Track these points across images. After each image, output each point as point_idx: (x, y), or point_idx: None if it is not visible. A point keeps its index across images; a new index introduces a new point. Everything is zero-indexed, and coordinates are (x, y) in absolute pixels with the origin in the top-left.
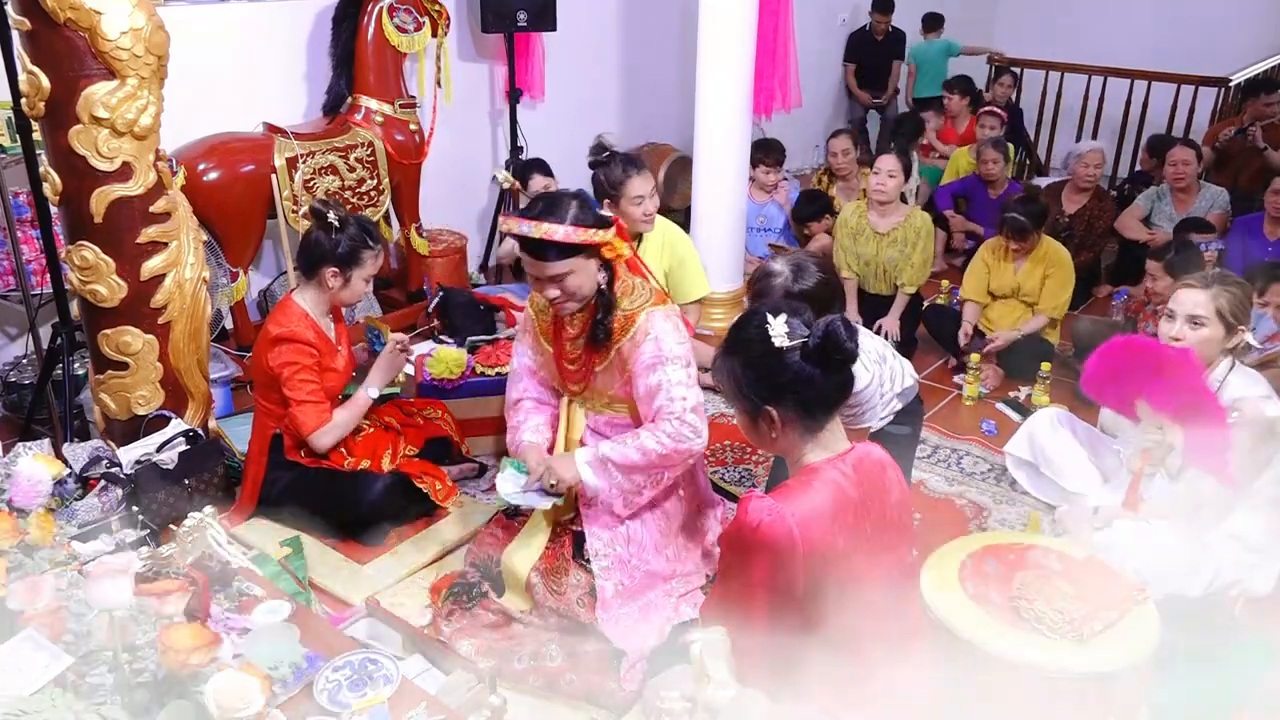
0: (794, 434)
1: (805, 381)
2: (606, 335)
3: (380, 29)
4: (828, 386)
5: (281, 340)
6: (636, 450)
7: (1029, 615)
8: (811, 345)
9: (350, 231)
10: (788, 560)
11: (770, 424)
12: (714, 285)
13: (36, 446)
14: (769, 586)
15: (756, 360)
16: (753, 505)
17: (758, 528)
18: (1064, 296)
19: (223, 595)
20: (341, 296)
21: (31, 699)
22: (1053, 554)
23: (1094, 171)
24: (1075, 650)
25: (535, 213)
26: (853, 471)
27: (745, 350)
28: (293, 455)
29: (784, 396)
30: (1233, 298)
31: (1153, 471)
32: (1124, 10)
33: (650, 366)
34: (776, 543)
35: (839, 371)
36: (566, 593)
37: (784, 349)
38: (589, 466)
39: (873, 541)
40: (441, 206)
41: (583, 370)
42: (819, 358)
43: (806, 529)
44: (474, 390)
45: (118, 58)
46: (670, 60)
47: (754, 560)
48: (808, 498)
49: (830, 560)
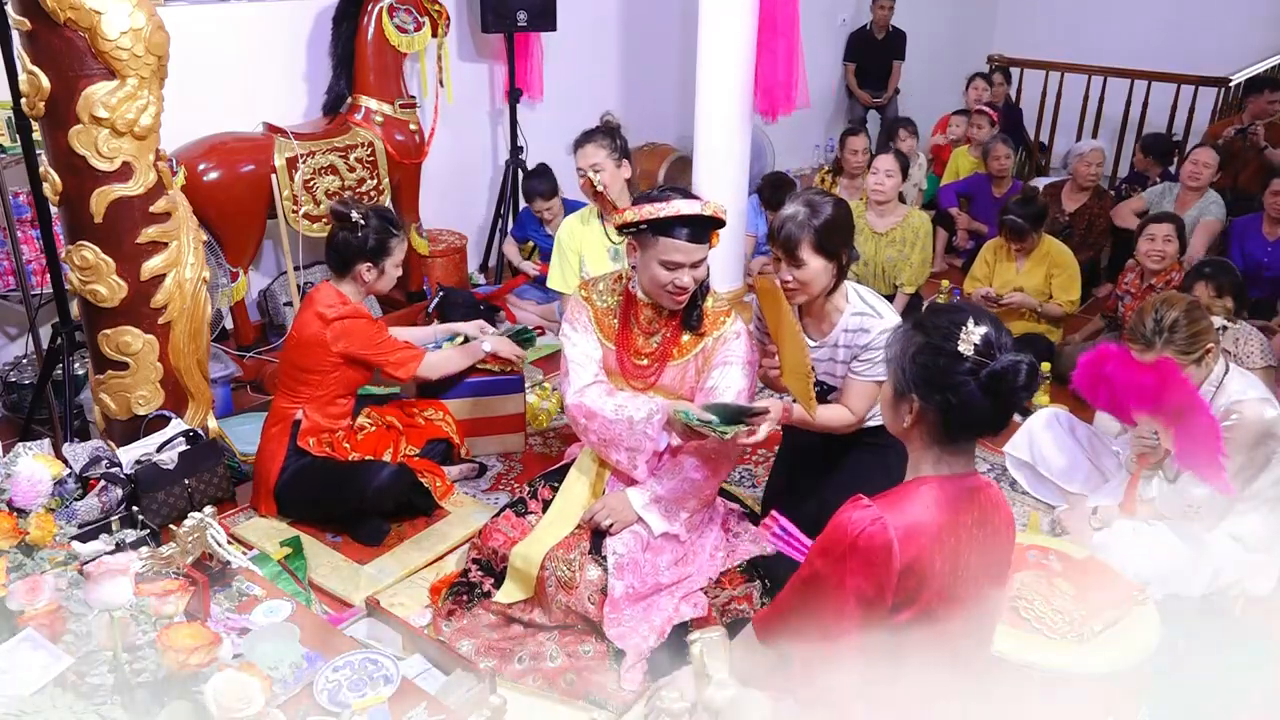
0: (923, 436)
1: (962, 397)
2: (699, 321)
3: (380, 29)
4: (979, 413)
5: (344, 318)
6: (685, 483)
7: (1029, 615)
8: (989, 368)
9: (374, 224)
10: (882, 571)
11: (908, 411)
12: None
13: (36, 446)
14: (864, 600)
15: (931, 348)
16: (856, 513)
17: (859, 535)
18: (1074, 294)
19: (223, 595)
20: (378, 286)
21: (31, 699)
22: (1053, 554)
23: (1095, 170)
24: (1075, 650)
25: (689, 194)
26: (968, 497)
27: (929, 333)
28: (303, 443)
29: (933, 397)
30: (1181, 340)
31: (1151, 474)
32: (1124, 10)
33: (726, 362)
34: (873, 552)
35: (998, 408)
36: (579, 588)
37: (962, 355)
38: (648, 511)
39: (970, 577)
40: (441, 206)
41: (655, 365)
42: (988, 382)
43: (906, 542)
44: (474, 390)
45: (118, 58)
46: (670, 60)
47: (849, 567)
48: (913, 509)
49: (925, 580)
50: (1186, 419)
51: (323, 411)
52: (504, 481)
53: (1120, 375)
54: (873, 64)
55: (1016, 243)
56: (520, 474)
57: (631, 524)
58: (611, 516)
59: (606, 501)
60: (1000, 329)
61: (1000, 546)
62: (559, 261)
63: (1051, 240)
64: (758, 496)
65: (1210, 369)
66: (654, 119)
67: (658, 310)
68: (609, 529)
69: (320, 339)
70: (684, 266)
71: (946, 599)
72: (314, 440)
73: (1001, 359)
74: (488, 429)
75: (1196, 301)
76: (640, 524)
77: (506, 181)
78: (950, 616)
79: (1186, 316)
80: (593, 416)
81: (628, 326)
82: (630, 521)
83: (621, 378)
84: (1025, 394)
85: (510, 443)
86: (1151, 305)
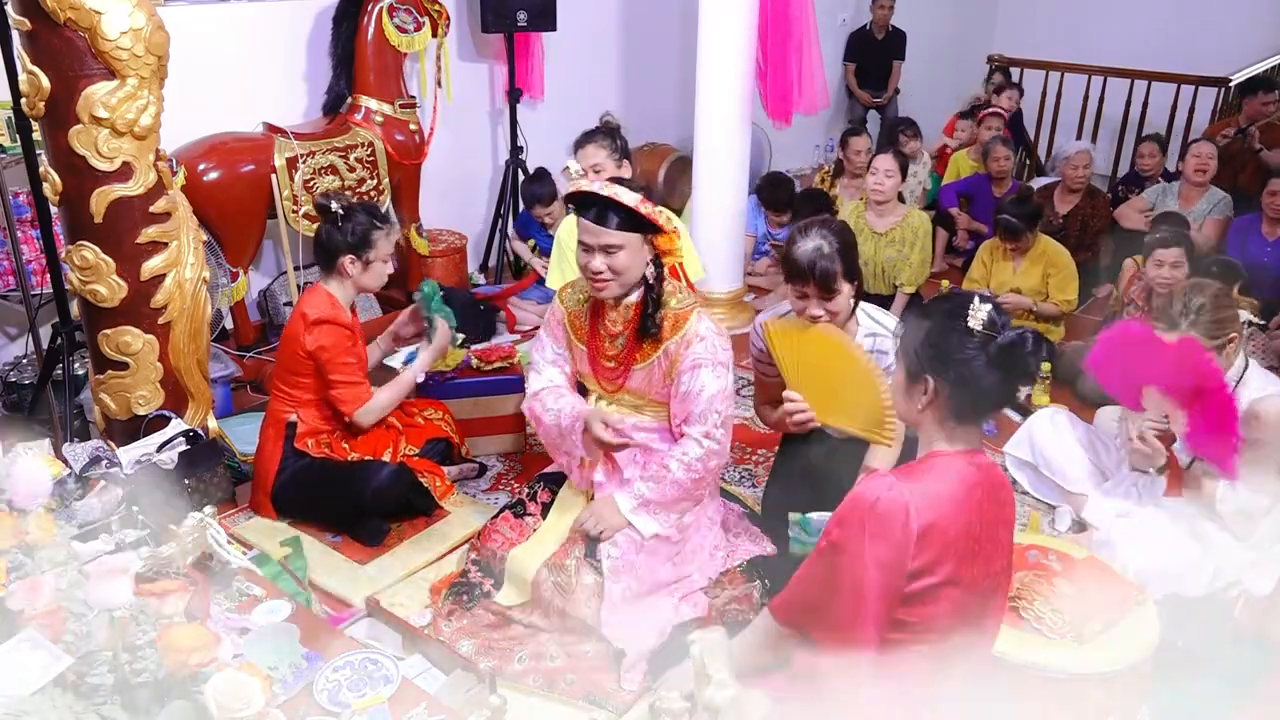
0: (937, 415)
1: (974, 371)
2: (655, 329)
3: (380, 29)
4: (991, 386)
5: (321, 322)
6: (671, 485)
7: (1029, 615)
8: (999, 341)
9: (357, 217)
10: (900, 534)
11: (924, 392)
12: (714, 285)
13: (36, 446)
14: (882, 565)
15: (943, 329)
16: (872, 481)
17: (875, 503)
18: (1070, 293)
19: (223, 595)
20: (365, 281)
21: (31, 699)
22: (1052, 554)
23: (1082, 173)
24: (1075, 650)
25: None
26: (978, 471)
27: (938, 317)
28: (301, 444)
29: (948, 373)
30: (1206, 323)
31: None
32: (1124, 10)
33: (695, 365)
34: (891, 516)
35: (1008, 379)
36: (575, 592)
37: (973, 330)
38: (636, 515)
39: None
40: (441, 206)
41: (620, 369)
42: (999, 355)
43: (923, 508)
44: (474, 390)
45: (118, 58)
46: (670, 60)
47: (868, 532)
48: (930, 481)
49: (942, 546)
50: (1203, 398)
51: (318, 413)
52: (504, 481)
53: (1140, 350)
54: (873, 64)
55: (1011, 243)
56: (520, 474)
57: (621, 528)
58: (600, 523)
59: (594, 509)
60: (1000, 311)
61: (1005, 522)
62: (559, 261)
63: (1048, 240)
64: (758, 496)
65: (1231, 361)
66: (654, 119)
67: (621, 313)
68: (599, 535)
69: (301, 339)
70: (594, 250)
71: (960, 571)
72: (312, 442)
73: (1008, 332)
74: (488, 429)
75: (1226, 290)
76: (632, 527)
77: (506, 182)
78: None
79: (1214, 302)
80: (538, 421)
81: (596, 328)
82: (619, 526)
83: (594, 379)
84: (1034, 360)
85: (510, 443)
86: (1181, 290)
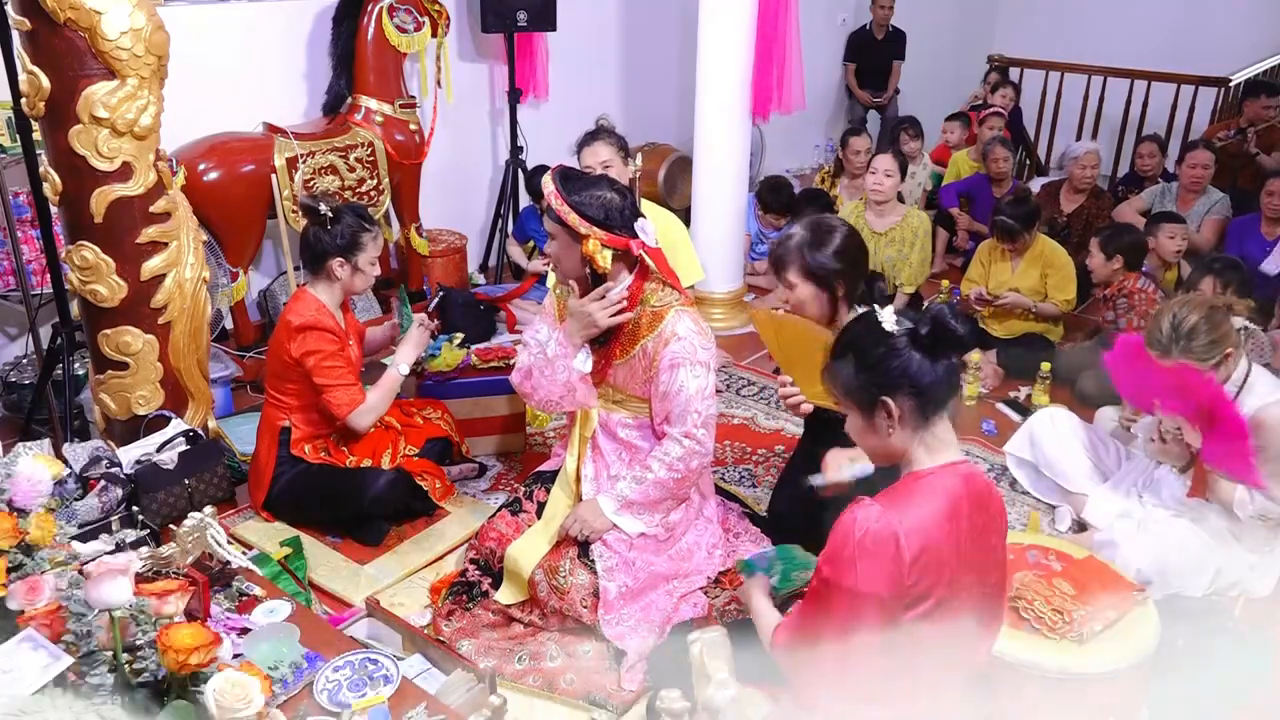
0: (908, 430)
1: (919, 367)
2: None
3: (380, 29)
4: (938, 376)
5: (306, 329)
6: (654, 486)
7: (1029, 615)
8: (921, 331)
9: (345, 220)
10: (893, 565)
11: (887, 417)
12: (714, 285)
13: (36, 446)
14: (877, 597)
15: (869, 352)
16: (860, 513)
17: (864, 535)
18: (1069, 293)
19: (223, 595)
20: (353, 284)
21: (31, 699)
22: (1052, 554)
23: (1090, 173)
24: (1075, 650)
25: (565, 174)
26: (962, 484)
27: (856, 346)
28: (297, 450)
29: (899, 387)
30: (1199, 348)
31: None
32: (1124, 10)
33: (673, 365)
34: (881, 547)
35: (948, 358)
36: (570, 592)
37: (894, 335)
38: (620, 516)
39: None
40: (441, 206)
41: (602, 363)
42: (930, 343)
43: (912, 537)
44: (474, 390)
45: (118, 58)
46: (670, 60)
47: (860, 570)
48: (915, 505)
49: (936, 570)
50: (1212, 421)
51: (310, 418)
52: (504, 481)
53: (1144, 372)
54: (873, 64)
55: (1008, 243)
56: (520, 474)
57: (606, 531)
58: (585, 528)
59: (578, 513)
60: (902, 310)
61: (997, 531)
62: None
63: (1046, 240)
64: (758, 497)
65: (1230, 371)
66: (654, 119)
67: None
68: (586, 539)
69: (286, 346)
70: (551, 237)
71: (956, 589)
72: (309, 447)
73: (924, 318)
74: (487, 429)
75: (1218, 305)
76: (617, 528)
77: (506, 181)
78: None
79: (1207, 322)
80: (527, 374)
81: None
82: (604, 529)
83: None
84: (960, 328)
85: (510, 443)
86: (1169, 308)
